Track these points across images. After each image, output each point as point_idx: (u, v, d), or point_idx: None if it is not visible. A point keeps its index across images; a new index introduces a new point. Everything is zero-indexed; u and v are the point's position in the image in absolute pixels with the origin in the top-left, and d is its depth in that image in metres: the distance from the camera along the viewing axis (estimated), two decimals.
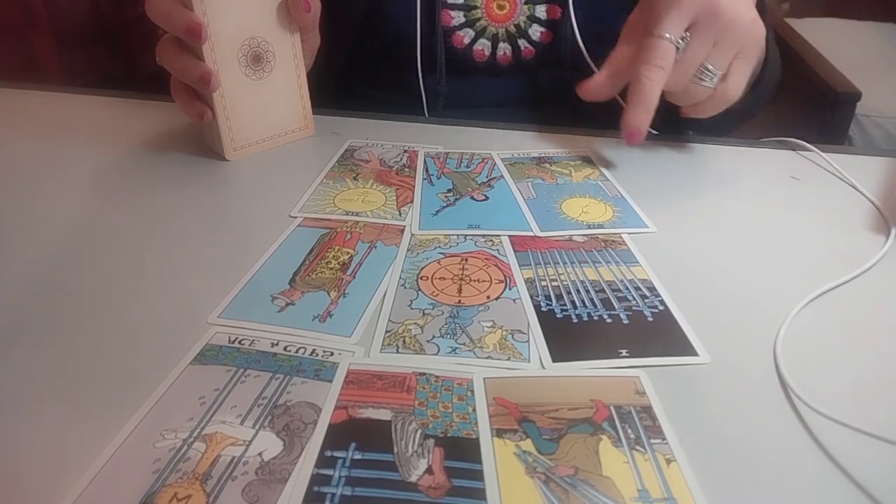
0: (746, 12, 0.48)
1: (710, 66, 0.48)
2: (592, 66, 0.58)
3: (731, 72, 0.49)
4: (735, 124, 0.64)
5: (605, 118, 0.60)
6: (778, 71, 0.65)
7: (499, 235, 0.44)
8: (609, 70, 0.52)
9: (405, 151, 0.56)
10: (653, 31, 0.47)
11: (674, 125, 0.58)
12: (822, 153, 0.56)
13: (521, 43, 0.65)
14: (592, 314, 0.37)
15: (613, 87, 0.53)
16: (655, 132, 0.59)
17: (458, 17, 0.64)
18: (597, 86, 0.52)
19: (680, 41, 0.47)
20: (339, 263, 0.41)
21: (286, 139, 0.57)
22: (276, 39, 0.54)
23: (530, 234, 0.45)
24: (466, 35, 0.65)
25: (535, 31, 0.65)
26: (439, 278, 0.40)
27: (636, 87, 0.48)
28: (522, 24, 0.64)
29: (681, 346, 0.35)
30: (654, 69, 0.47)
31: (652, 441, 0.29)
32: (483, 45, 0.65)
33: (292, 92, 0.56)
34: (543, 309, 0.37)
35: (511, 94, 0.67)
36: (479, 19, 0.64)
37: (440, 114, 0.67)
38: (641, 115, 0.48)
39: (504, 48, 0.65)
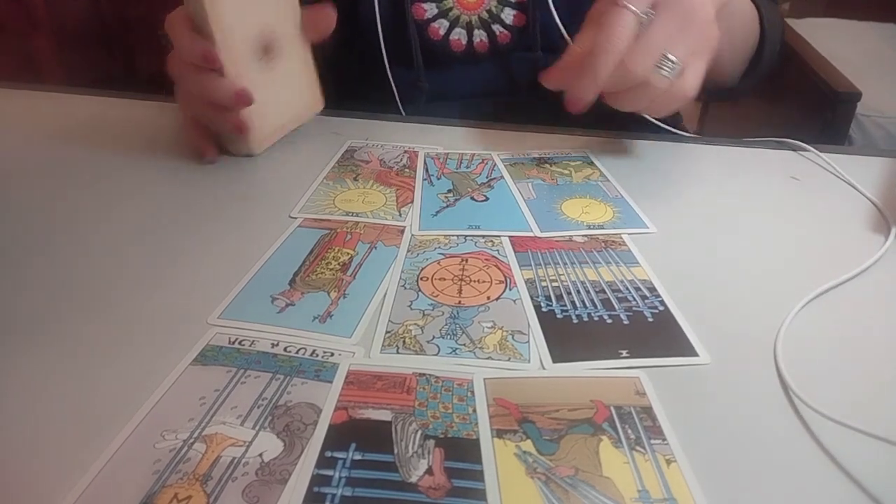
0: (709, 8, 0.47)
1: (671, 56, 0.46)
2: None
3: (688, 67, 0.47)
4: (718, 99, 0.63)
5: (600, 114, 0.60)
6: (774, 59, 0.64)
7: (499, 236, 0.44)
8: (570, 58, 0.49)
9: (405, 152, 0.56)
10: (617, 1, 0.45)
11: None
12: (819, 153, 0.56)
13: (496, 28, 0.65)
14: (593, 315, 0.37)
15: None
16: (664, 126, 0.59)
17: (430, 10, 0.64)
18: (559, 75, 0.49)
19: (643, 16, 0.45)
20: (339, 264, 0.41)
21: (301, 120, 0.58)
22: (281, 26, 0.54)
23: (530, 234, 0.45)
24: (441, 26, 0.65)
25: (508, 15, 0.64)
26: (439, 279, 0.40)
27: (592, 55, 0.45)
28: (494, 9, 0.64)
29: (681, 346, 0.35)
30: (614, 39, 0.45)
31: (652, 441, 0.29)
32: (459, 35, 0.65)
33: (302, 72, 0.57)
34: (544, 309, 0.37)
35: (492, 81, 0.67)
36: (451, 9, 0.64)
37: (423, 109, 0.66)
38: (590, 85, 0.46)
39: (480, 35, 0.65)
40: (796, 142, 0.57)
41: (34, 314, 0.37)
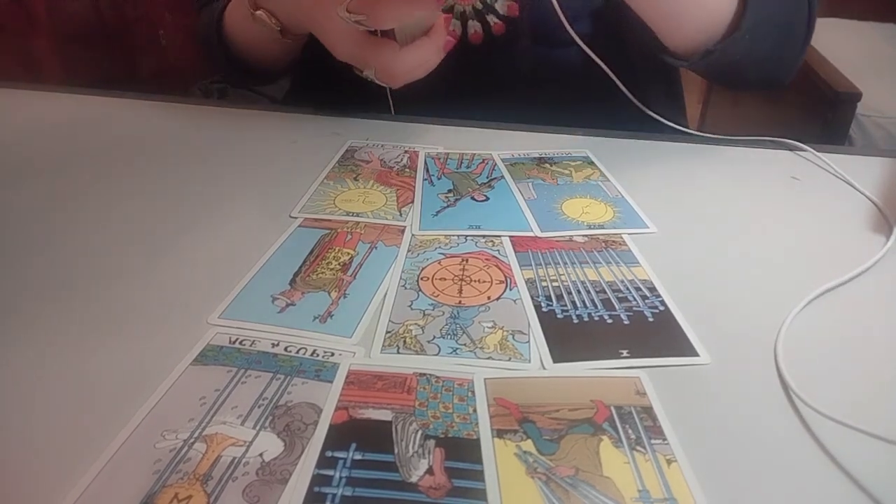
0: None
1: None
2: (574, 35, 0.56)
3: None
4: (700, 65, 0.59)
5: (600, 114, 0.60)
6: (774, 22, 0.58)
7: (499, 236, 0.44)
8: None
9: (405, 152, 0.56)
10: None
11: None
12: (817, 153, 0.56)
13: (490, 19, 0.64)
14: (593, 314, 0.37)
15: None
16: (665, 122, 0.59)
17: None
18: None
19: None
20: (339, 264, 0.41)
21: None
22: None
23: (531, 234, 0.45)
24: None
25: (502, 5, 0.64)
26: (440, 279, 0.40)
27: None
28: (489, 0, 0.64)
29: (681, 346, 0.35)
30: None
31: (652, 441, 0.29)
32: (454, 26, 0.64)
33: None
34: (544, 309, 0.37)
35: (487, 74, 0.66)
36: None
37: (420, 108, 0.65)
38: None
39: (474, 26, 0.65)
40: (795, 142, 0.57)
41: (34, 314, 0.37)
